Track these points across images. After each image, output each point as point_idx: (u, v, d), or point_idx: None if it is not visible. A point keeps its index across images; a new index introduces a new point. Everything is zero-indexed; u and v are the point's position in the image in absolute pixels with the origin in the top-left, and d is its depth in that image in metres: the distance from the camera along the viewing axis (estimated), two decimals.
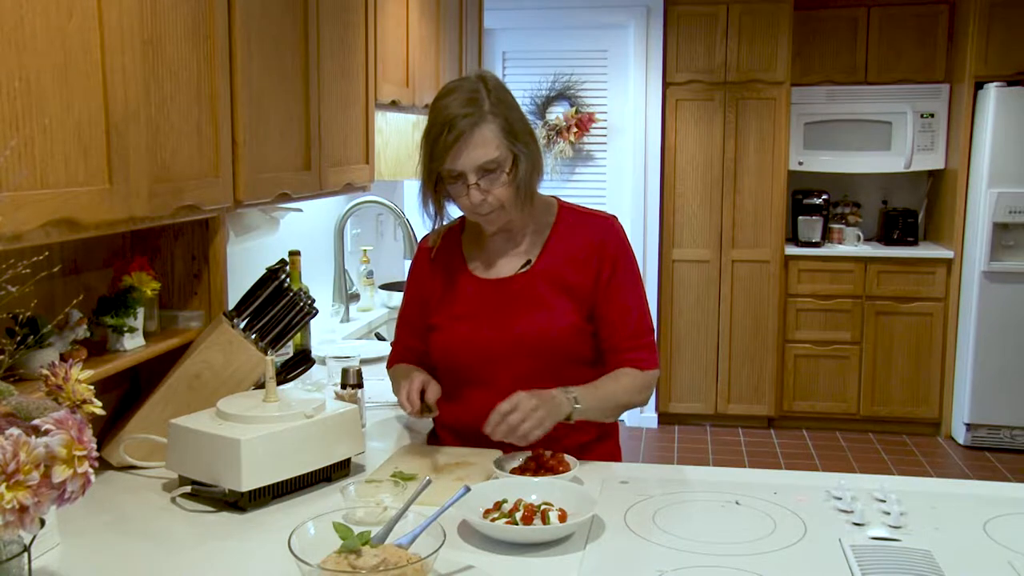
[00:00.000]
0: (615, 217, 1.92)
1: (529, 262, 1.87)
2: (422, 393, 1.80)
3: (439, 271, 1.94)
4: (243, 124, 1.89)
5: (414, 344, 1.99)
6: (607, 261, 1.85)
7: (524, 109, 5.77)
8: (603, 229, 1.88)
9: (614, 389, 1.82)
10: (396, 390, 1.98)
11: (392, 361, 2.06)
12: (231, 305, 1.99)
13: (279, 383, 1.83)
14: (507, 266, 1.89)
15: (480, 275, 1.90)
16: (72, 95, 1.35)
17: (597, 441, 1.91)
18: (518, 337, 1.82)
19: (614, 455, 1.97)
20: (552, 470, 1.67)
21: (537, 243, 1.88)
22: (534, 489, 1.56)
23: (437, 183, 1.80)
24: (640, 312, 1.88)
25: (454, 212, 1.90)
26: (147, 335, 1.87)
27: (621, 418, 1.97)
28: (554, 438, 1.75)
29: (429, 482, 1.46)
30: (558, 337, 1.82)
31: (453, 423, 1.90)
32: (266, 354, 1.85)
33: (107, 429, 1.86)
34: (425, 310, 1.95)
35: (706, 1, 5.15)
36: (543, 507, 1.47)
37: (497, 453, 1.77)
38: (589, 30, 5.35)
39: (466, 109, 1.71)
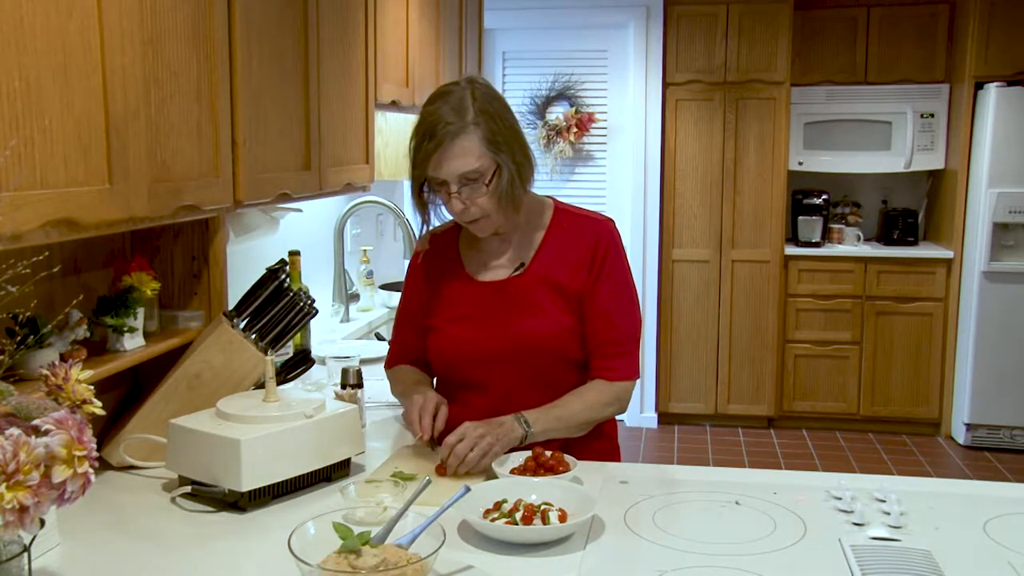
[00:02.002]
0: (611, 220, 1.92)
1: (523, 265, 1.87)
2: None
3: (436, 272, 1.95)
4: (243, 124, 1.89)
5: (413, 342, 1.99)
6: (596, 263, 1.84)
7: (524, 109, 5.71)
8: (596, 231, 1.87)
9: (576, 408, 1.81)
10: (400, 397, 1.98)
11: (391, 361, 2.06)
12: (231, 305, 1.99)
13: (279, 383, 1.83)
14: (501, 268, 1.89)
15: (475, 277, 1.90)
16: (72, 95, 1.35)
17: (592, 438, 1.90)
18: (512, 340, 1.82)
19: (611, 454, 1.96)
20: (552, 470, 1.67)
21: (531, 245, 1.88)
22: (534, 489, 1.56)
23: (423, 187, 1.81)
24: (621, 318, 1.86)
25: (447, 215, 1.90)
26: (147, 335, 1.87)
27: (620, 418, 1.96)
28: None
29: (429, 482, 1.46)
30: (552, 340, 1.82)
31: (451, 424, 1.90)
32: (266, 354, 1.85)
33: (107, 429, 1.86)
34: (422, 310, 1.95)
35: (706, 1, 5.15)
36: (543, 507, 1.47)
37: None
38: (589, 30, 5.35)
39: (449, 118, 1.72)
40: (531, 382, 1.83)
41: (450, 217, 1.88)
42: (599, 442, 1.92)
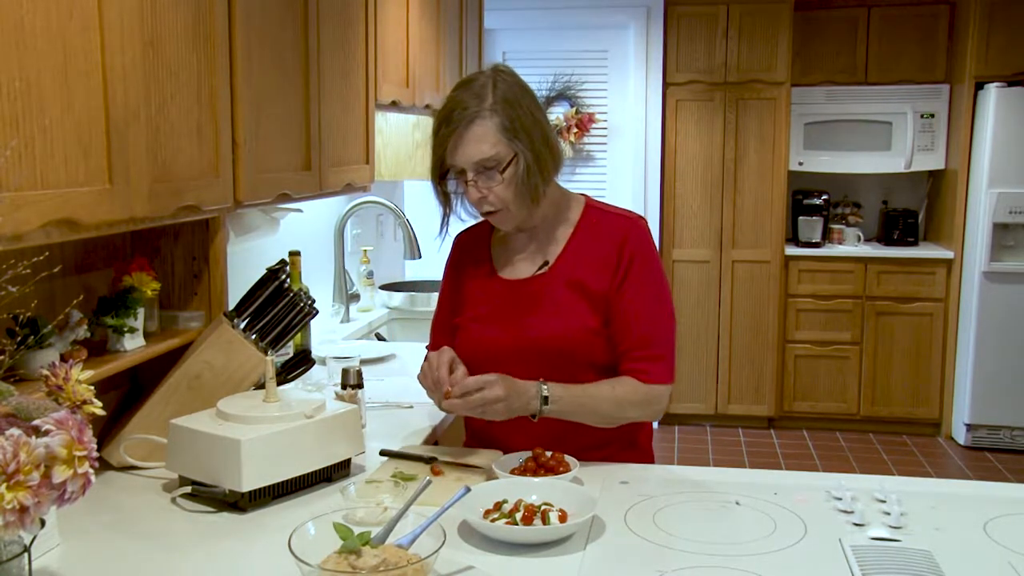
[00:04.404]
0: (642, 218, 1.86)
1: (547, 263, 1.82)
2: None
3: (467, 269, 1.91)
4: (243, 124, 1.89)
5: (446, 343, 1.91)
6: (623, 263, 1.78)
7: None
8: (625, 229, 1.81)
9: (605, 396, 1.75)
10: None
11: None
12: (231, 305, 1.99)
13: (279, 383, 1.82)
14: (526, 266, 1.84)
15: (500, 275, 1.86)
16: (72, 95, 1.35)
17: (623, 448, 1.86)
18: (531, 340, 1.77)
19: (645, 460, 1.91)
20: (552, 470, 1.66)
21: (558, 243, 1.83)
22: (534, 489, 1.55)
23: (446, 176, 1.78)
24: (653, 320, 1.79)
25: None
26: (147, 335, 1.87)
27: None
28: (565, 440, 1.75)
29: (429, 482, 1.46)
30: (571, 341, 1.76)
31: (473, 424, 1.88)
32: (266, 354, 1.85)
33: (107, 429, 1.85)
34: (452, 309, 1.92)
35: (706, 1, 5.15)
36: (543, 507, 1.47)
37: (498, 454, 1.77)
38: (589, 30, 5.35)
39: (467, 103, 1.70)
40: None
41: (472, 210, 1.84)
42: (630, 452, 1.87)
